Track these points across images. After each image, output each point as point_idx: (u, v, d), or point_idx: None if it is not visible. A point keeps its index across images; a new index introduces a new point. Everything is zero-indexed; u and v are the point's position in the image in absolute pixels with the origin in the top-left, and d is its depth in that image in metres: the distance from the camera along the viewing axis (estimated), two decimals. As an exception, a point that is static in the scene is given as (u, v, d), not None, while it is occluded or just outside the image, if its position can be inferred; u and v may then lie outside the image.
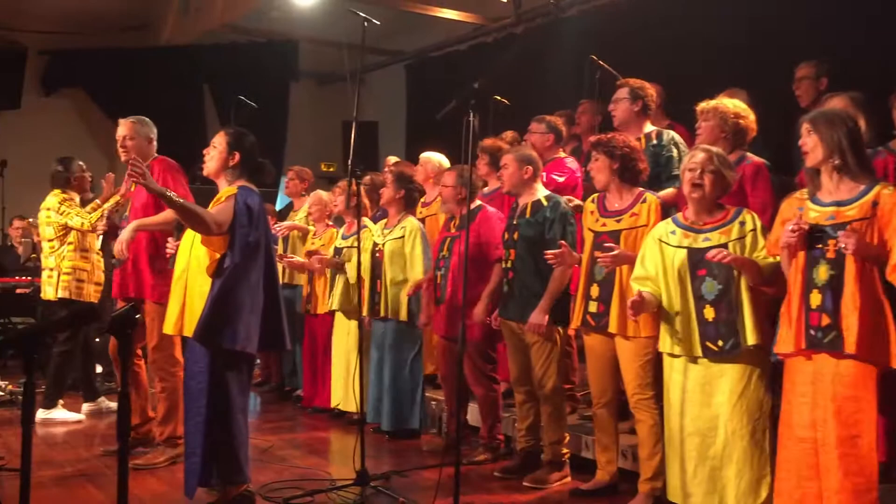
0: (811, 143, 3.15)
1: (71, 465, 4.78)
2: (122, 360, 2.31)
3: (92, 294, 5.87)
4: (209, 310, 3.70)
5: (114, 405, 6.18)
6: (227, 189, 3.84)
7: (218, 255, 3.73)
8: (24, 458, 2.17)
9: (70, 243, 5.85)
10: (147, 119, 4.89)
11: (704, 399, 3.51)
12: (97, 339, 6.52)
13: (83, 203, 5.95)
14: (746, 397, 3.43)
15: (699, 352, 3.50)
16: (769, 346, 3.32)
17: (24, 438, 2.18)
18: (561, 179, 5.02)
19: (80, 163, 6.05)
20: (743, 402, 3.43)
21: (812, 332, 3.09)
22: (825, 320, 3.06)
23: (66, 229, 5.83)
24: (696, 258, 3.51)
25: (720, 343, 3.45)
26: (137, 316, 2.24)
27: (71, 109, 9.50)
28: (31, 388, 2.23)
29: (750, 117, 4.00)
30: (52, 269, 5.86)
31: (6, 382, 6.70)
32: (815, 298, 3.09)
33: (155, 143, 4.87)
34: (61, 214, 5.79)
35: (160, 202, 4.36)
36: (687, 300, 3.53)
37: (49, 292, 5.86)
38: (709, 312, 3.48)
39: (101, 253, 6.01)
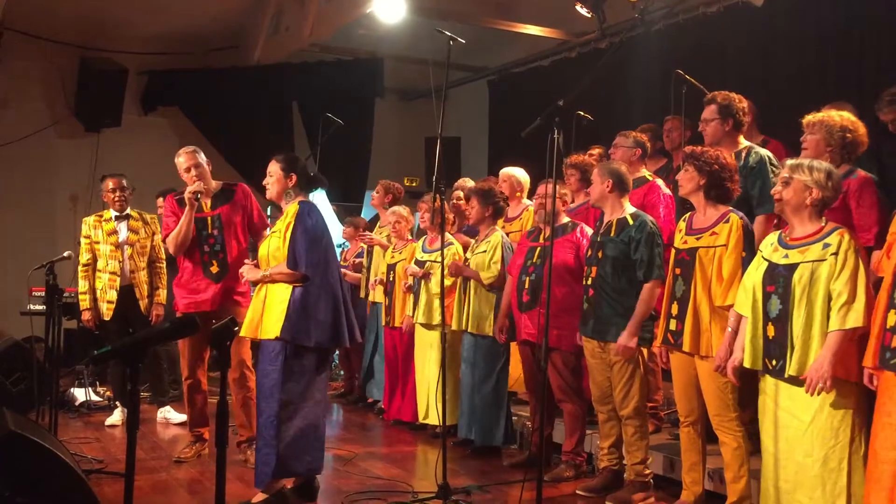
0: None
1: (165, 469, 4.96)
2: (221, 369, 2.41)
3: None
4: (291, 313, 4.11)
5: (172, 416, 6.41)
6: (291, 206, 4.29)
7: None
8: (128, 462, 2.26)
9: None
10: (197, 148, 5.21)
11: (783, 420, 3.44)
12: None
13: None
14: (818, 424, 3.33)
15: (760, 366, 3.48)
16: (856, 376, 3.25)
17: (129, 444, 2.26)
18: (662, 212, 4.97)
19: (108, 182, 6.29)
20: (814, 429, 3.33)
21: (883, 351, 3.03)
22: None
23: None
24: (771, 273, 3.45)
25: (773, 362, 3.42)
26: (236, 328, 2.33)
27: (167, 127, 9.84)
28: (135, 395, 2.33)
29: (859, 130, 3.88)
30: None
31: (105, 388, 7.00)
32: (892, 318, 3.02)
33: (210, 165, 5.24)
34: None
35: (252, 220, 5.20)
36: (757, 314, 3.49)
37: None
38: (770, 330, 3.43)
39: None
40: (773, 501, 3.49)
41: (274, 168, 4.34)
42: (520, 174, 6.05)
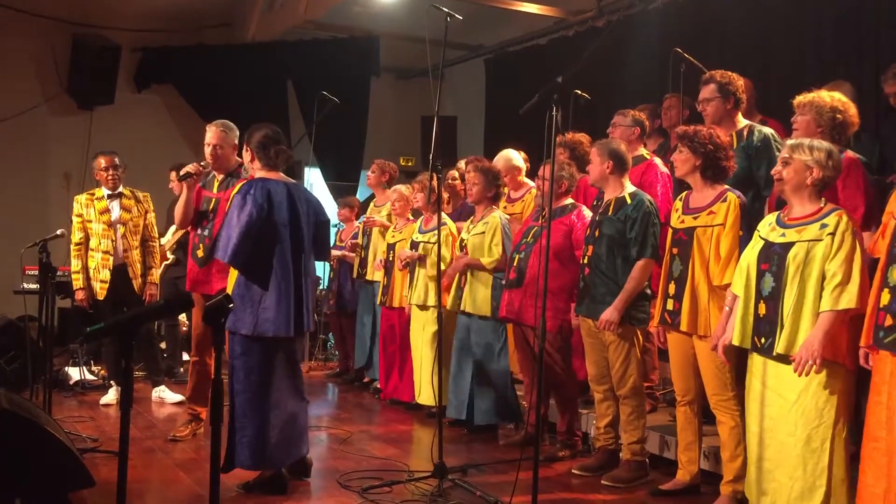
0: None
1: (160, 448, 4.95)
2: (216, 348, 2.39)
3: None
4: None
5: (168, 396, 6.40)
6: (236, 187, 4.10)
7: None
8: (122, 440, 2.24)
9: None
10: (232, 124, 5.12)
11: (768, 399, 3.44)
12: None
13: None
14: (802, 404, 3.32)
15: (749, 344, 3.47)
16: (844, 359, 3.25)
17: (123, 422, 2.24)
18: (660, 191, 4.93)
19: (100, 160, 6.22)
20: (798, 408, 3.33)
21: (877, 330, 3.03)
22: (888, 321, 2.99)
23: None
24: (766, 251, 3.44)
25: (763, 340, 3.41)
26: (231, 306, 2.30)
27: (161, 105, 9.76)
28: (129, 373, 2.30)
29: (850, 111, 3.85)
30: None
31: (99, 367, 6.98)
32: (885, 297, 3.03)
33: (237, 148, 5.08)
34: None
35: None
36: (750, 292, 3.48)
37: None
38: (761, 307, 3.42)
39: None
40: (755, 481, 3.50)
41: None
42: (515, 158, 6.02)
